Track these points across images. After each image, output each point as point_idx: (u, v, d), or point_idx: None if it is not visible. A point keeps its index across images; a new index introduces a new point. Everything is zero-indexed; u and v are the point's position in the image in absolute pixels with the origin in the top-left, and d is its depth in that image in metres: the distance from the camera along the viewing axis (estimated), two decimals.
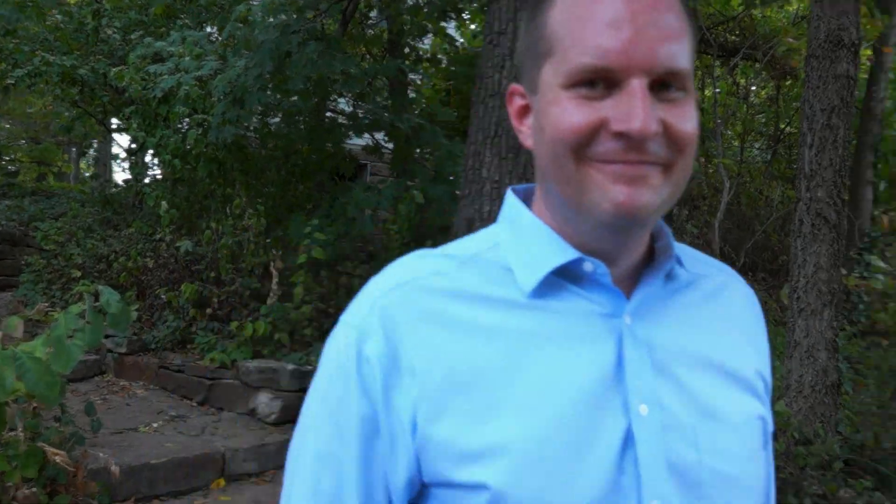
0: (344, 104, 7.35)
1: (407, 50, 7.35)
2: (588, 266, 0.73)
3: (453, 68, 7.16)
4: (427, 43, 7.76)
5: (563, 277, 0.74)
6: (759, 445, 0.79)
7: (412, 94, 7.18)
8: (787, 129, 8.49)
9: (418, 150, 6.45)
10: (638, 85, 0.66)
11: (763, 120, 8.64)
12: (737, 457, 0.74)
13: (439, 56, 7.20)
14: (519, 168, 5.22)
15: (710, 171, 8.07)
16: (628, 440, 0.69)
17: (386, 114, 6.45)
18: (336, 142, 6.57)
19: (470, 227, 5.15)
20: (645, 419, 0.70)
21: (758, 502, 0.77)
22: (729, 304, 0.84)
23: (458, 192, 5.38)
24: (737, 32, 8.06)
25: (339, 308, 5.39)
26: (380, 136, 6.87)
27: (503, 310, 0.73)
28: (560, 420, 0.69)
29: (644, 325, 0.75)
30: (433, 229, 5.44)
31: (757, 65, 7.74)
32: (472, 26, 7.86)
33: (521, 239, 0.78)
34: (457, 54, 6.93)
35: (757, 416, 0.79)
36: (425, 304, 0.73)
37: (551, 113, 0.70)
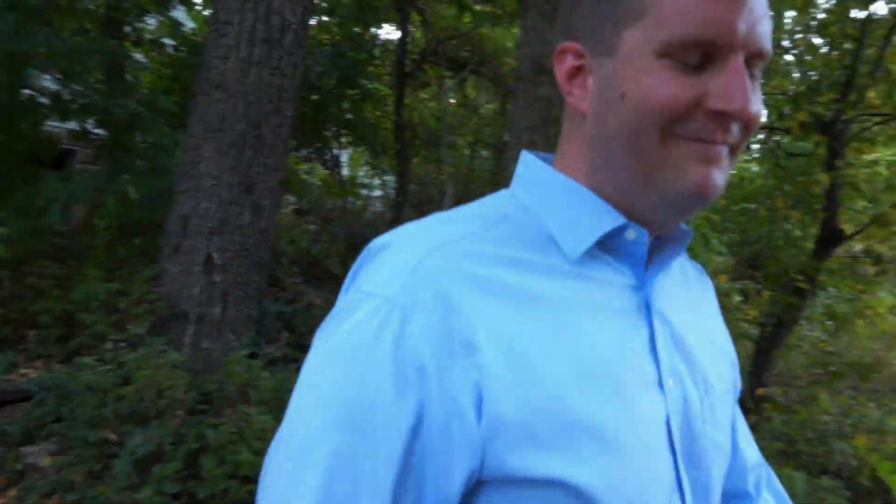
0: (50, 81, 6.47)
1: (128, 29, 6.69)
2: (630, 234, 0.70)
3: (180, 54, 6.67)
4: (153, 24, 7.15)
5: (597, 245, 0.71)
6: (732, 411, 0.84)
7: (131, 78, 6.55)
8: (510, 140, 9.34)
9: (135, 139, 5.89)
10: (740, 62, 0.62)
11: (490, 131, 9.36)
12: (725, 426, 0.78)
13: (164, 40, 6.66)
14: (242, 165, 5.00)
15: (442, 177, 8.53)
16: (668, 416, 0.69)
17: (98, 97, 5.79)
18: (34, 123, 5.74)
19: (185, 225, 4.81)
20: (671, 391, 0.70)
21: (728, 463, 0.80)
22: (693, 281, 0.87)
23: (173, 188, 4.99)
24: (468, 48, 8.58)
25: (24, 312, 4.72)
26: (90, 120, 6.16)
27: (551, 277, 0.67)
28: (623, 399, 0.65)
29: (659, 299, 0.73)
30: (141, 226, 4.99)
31: (485, 81, 8.33)
32: (206, 12, 7.39)
33: (558, 202, 0.72)
34: (183, 39, 6.46)
35: (734, 385, 0.83)
36: (470, 268, 0.64)
37: (642, 82, 0.63)
